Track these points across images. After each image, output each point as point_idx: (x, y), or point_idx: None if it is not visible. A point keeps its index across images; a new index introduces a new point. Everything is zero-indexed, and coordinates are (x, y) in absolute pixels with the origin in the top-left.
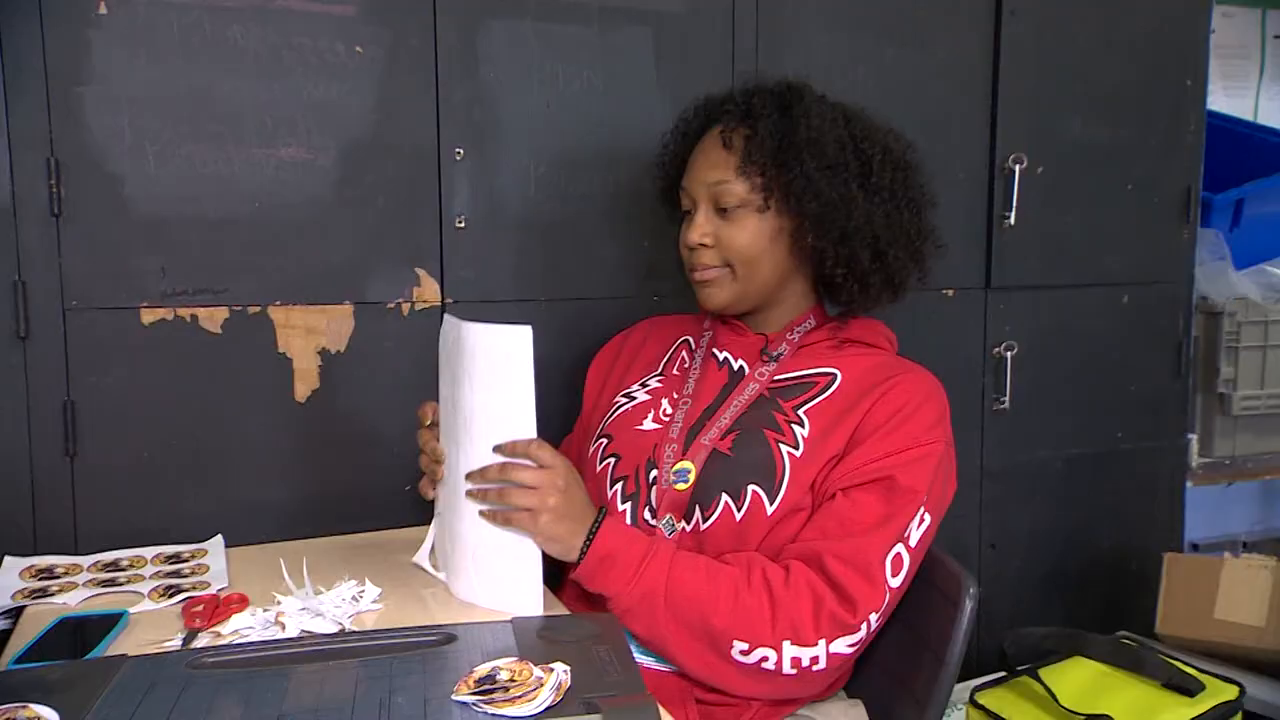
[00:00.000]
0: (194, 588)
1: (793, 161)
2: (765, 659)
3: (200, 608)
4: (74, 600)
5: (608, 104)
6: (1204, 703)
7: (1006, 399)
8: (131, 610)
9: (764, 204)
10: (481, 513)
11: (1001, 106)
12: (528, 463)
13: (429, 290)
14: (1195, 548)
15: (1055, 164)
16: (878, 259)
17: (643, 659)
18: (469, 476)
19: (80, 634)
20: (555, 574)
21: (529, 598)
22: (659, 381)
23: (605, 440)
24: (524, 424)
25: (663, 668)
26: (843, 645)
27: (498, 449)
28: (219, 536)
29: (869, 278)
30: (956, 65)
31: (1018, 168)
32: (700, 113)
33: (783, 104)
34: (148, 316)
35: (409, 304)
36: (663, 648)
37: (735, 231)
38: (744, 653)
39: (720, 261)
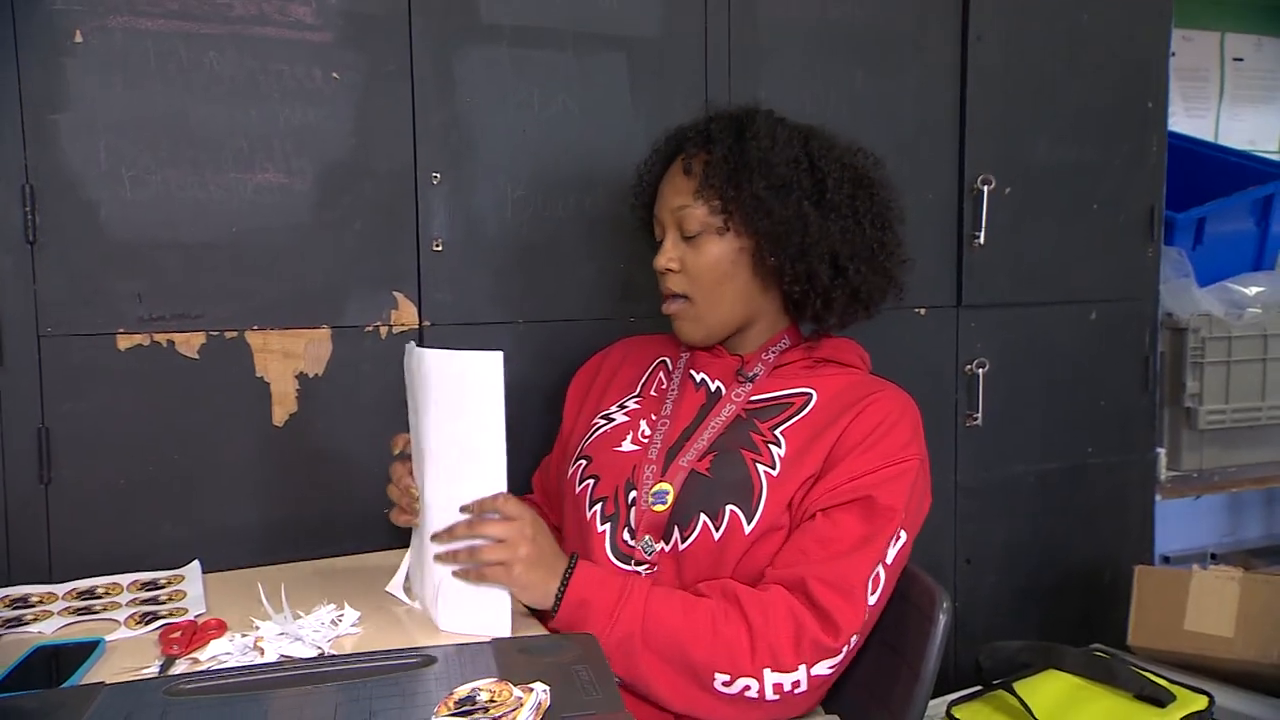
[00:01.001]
0: (171, 614)
1: (745, 182)
2: (748, 688)
3: (178, 634)
4: (49, 629)
5: (583, 128)
6: (1174, 713)
7: (979, 415)
8: (108, 638)
9: (724, 225)
10: (455, 573)
11: (970, 129)
12: (494, 516)
13: (407, 313)
14: (1166, 560)
15: (1023, 184)
16: (839, 274)
17: None
18: (435, 538)
19: (56, 662)
20: None
21: (498, 621)
22: (637, 403)
23: (584, 462)
24: (495, 453)
25: None
26: (824, 668)
27: (464, 509)
28: (196, 562)
29: (831, 293)
30: (925, 89)
31: (986, 188)
32: (670, 143)
33: (738, 128)
34: (124, 342)
35: (387, 327)
36: (646, 688)
37: (699, 255)
38: (726, 684)
39: (683, 289)
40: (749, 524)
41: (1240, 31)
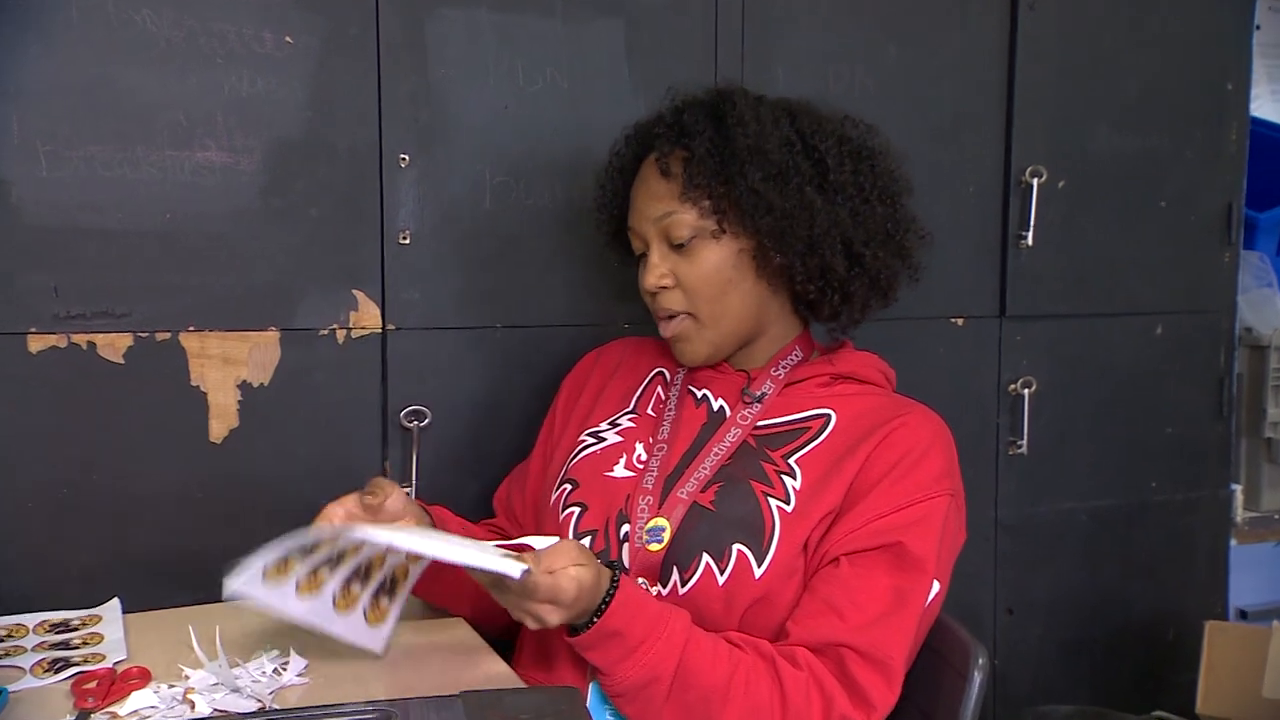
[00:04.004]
0: (85, 660)
1: (736, 176)
2: None
3: (93, 684)
4: None
5: (574, 105)
6: None
7: (1024, 442)
8: (11, 688)
9: (718, 228)
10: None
11: (1018, 112)
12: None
13: (368, 315)
14: (1242, 615)
15: (1079, 177)
16: (855, 263)
17: None
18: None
19: None
20: (507, 641)
21: None
22: (631, 421)
23: (569, 486)
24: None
25: None
26: None
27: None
28: (115, 600)
29: (849, 285)
30: (967, 65)
31: (1036, 181)
32: (632, 143)
33: (715, 114)
34: (36, 344)
35: (345, 330)
36: None
37: (694, 266)
38: None
39: (682, 306)
40: (759, 566)
41: None
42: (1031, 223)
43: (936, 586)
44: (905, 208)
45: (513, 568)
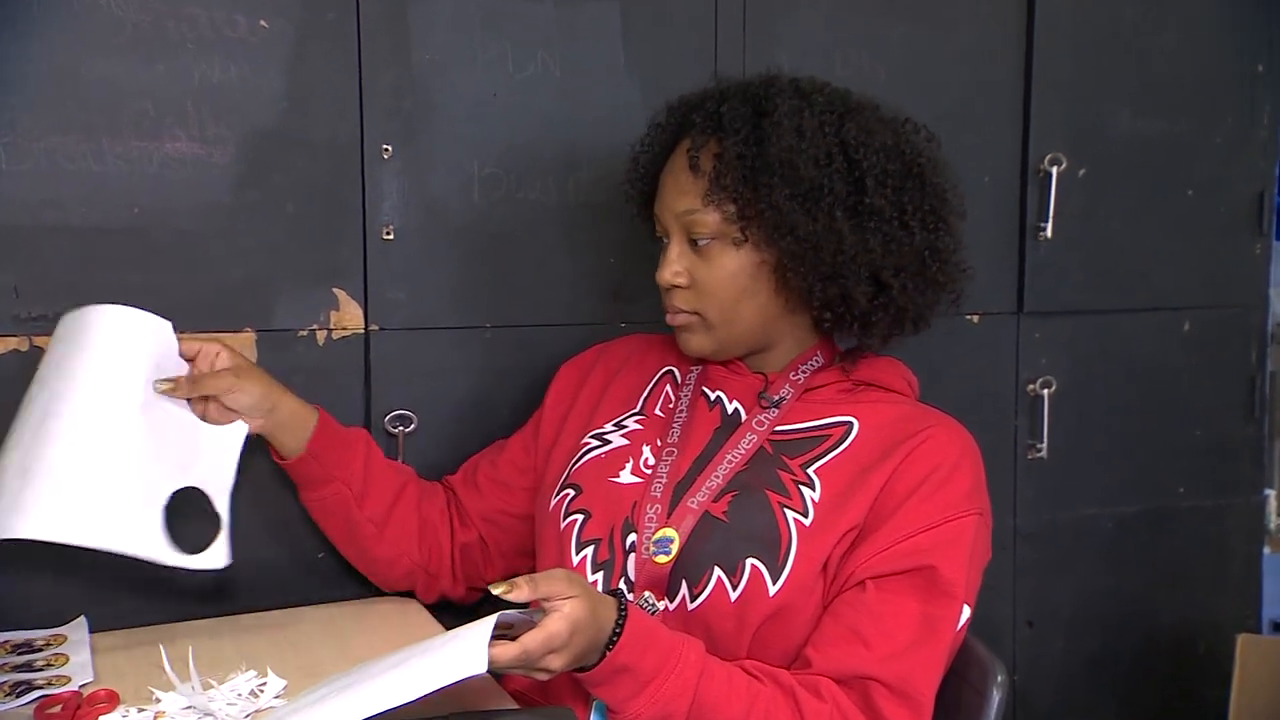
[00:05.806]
0: (50, 683)
1: (763, 187)
2: None
3: (58, 709)
4: None
5: (566, 92)
6: None
7: (1044, 445)
8: None
9: (741, 235)
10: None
11: (1036, 97)
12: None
13: (350, 315)
14: (1276, 627)
15: (1100, 165)
16: (881, 292)
17: None
18: None
19: None
20: None
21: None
22: (638, 423)
23: (571, 491)
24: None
25: None
26: None
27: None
28: (82, 619)
29: (871, 315)
30: (982, 47)
31: (1055, 170)
32: (674, 118)
33: (756, 111)
34: None
35: (325, 331)
36: None
37: (710, 269)
38: None
39: (691, 307)
40: (774, 583)
41: None
42: (1051, 213)
43: (967, 612)
44: (950, 234)
45: (473, 664)
